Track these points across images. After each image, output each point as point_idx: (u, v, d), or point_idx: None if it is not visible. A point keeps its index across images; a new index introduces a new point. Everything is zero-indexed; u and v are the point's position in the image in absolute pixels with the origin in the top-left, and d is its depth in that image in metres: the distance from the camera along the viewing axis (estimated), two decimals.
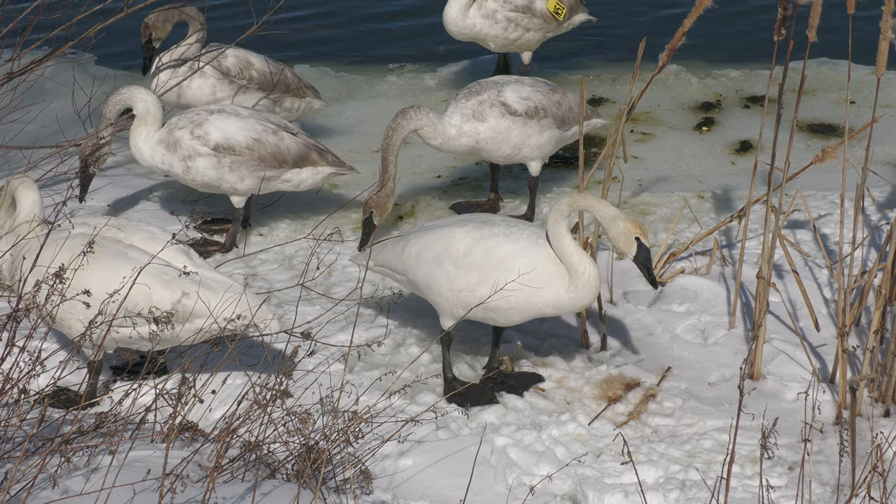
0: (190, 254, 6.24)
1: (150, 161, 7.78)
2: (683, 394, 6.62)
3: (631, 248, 6.10)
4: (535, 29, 9.34)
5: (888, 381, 6.38)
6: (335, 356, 6.63)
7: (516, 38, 9.30)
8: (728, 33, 11.19)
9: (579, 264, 6.13)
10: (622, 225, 6.08)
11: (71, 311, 5.87)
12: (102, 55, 10.73)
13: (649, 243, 6.11)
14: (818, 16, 6.26)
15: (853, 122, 9.51)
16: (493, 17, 9.22)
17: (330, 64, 10.71)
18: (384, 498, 5.72)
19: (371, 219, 7.75)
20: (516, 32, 9.28)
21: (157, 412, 5.79)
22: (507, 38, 9.29)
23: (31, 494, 4.88)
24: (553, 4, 9.29)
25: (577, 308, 6.26)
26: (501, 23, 9.22)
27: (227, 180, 7.71)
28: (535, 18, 9.31)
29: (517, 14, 9.24)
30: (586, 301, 6.21)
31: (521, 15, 9.25)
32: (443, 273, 6.34)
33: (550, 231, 6.16)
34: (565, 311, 6.29)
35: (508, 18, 9.23)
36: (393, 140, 7.61)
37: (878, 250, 7.56)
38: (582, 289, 6.16)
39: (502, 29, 9.23)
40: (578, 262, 6.13)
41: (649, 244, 6.11)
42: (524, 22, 9.27)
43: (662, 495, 5.89)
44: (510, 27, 9.24)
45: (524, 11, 9.26)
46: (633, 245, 6.10)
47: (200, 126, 7.69)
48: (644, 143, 9.38)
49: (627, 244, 6.10)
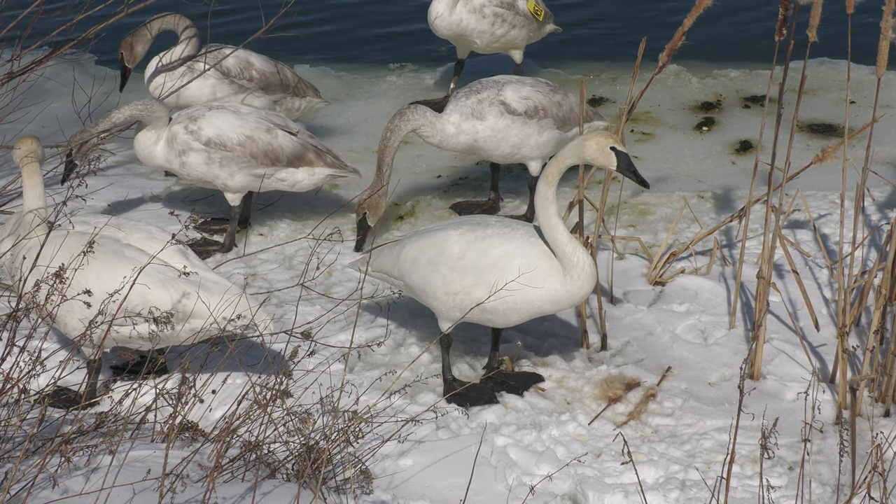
0: (188, 254, 6.24)
1: (152, 159, 7.79)
2: (683, 394, 6.62)
3: (611, 160, 6.09)
4: (519, 26, 9.34)
5: (888, 381, 6.38)
6: (335, 356, 6.63)
7: (502, 35, 9.28)
8: (728, 33, 11.19)
9: (573, 255, 6.12)
10: (593, 143, 6.06)
11: (69, 310, 5.87)
12: (102, 55, 10.74)
13: (624, 147, 6.07)
14: (818, 16, 6.26)
15: (853, 122, 9.51)
16: (481, 11, 9.20)
17: (330, 64, 10.71)
18: (384, 498, 5.72)
19: (365, 220, 7.76)
20: (502, 28, 9.26)
21: (157, 412, 5.80)
22: (494, 35, 9.27)
23: (31, 494, 4.88)
24: (532, 5, 9.30)
25: (575, 301, 6.24)
26: (489, 17, 9.20)
27: (218, 176, 7.74)
28: (519, 16, 9.32)
29: (503, 10, 9.24)
30: (583, 292, 6.19)
31: (506, 11, 9.25)
32: (438, 277, 6.33)
33: (540, 216, 6.15)
34: (564, 306, 6.27)
35: (495, 14, 9.22)
36: (391, 141, 7.61)
37: (878, 250, 7.56)
38: (577, 279, 6.14)
39: (489, 24, 9.22)
40: (572, 252, 6.12)
41: (624, 148, 6.07)
42: (510, 18, 9.26)
43: (662, 495, 5.89)
44: (497, 22, 9.23)
45: (509, 8, 9.27)
46: (611, 156, 6.08)
47: (195, 121, 7.74)
48: (644, 143, 9.38)
49: (606, 157, 6.08)
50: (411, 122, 7.64)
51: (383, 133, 7.64)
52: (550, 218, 6.14)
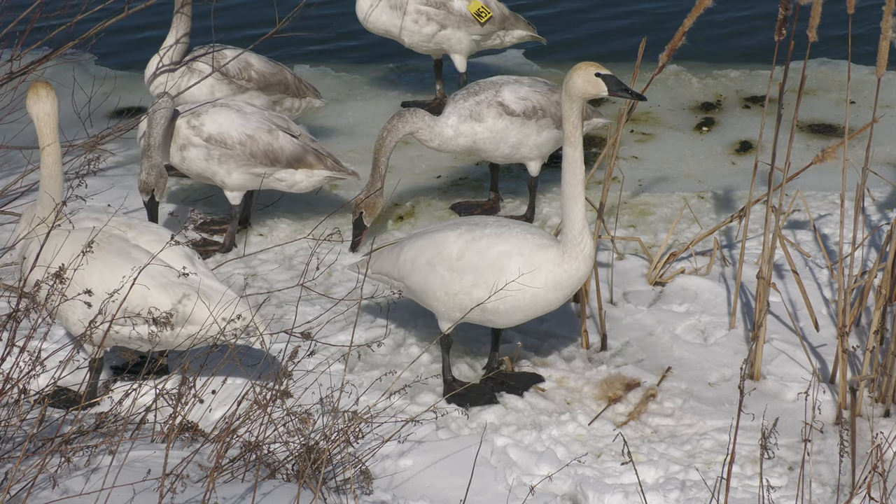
0: (194, 260, 6.23)
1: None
2: (683, 394, 6.62)
3: (600, 86, 6.07)
4: (452, 26, 9.05)
5: (888, 381, 6.38)
6: (335, 356, 6.63)
7: (433, 34, 9.03)
8: (728, 33, 11.20)
9: (580, 234, 6.10)
10: (577, 77, 6.05)
11: (71, 307, 5.87)
12: (102, 55, 10.74)
13: (607, 70, 6.04)
14: (818, 16, 6.26)
15: (853, 122, 9.51)
16: (402, 8, 8.99)
17: (330, 64, 10.71)
18: (384, 498, 5.72)
19: (361, 220, 7.76)
20: (429, 27, 9.00)
21: (157, 412, 5.80)
22: (423, 34, 9.02)
23: (31, 494, 4.88)
24: (476, 7, 8.98)
25: (573, 283, 6.19)
26: (411, 15, 8.96)
27: (216, 172, 7.75)
28: (452, 15, 9.03)
29: (429, 8, 8.99)
30: (580, 273, 6.17)
31: (434, 10, 9.00)
32: (437, 277, 6.33)
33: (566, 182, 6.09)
34: (565, 291, 6.22)
35: (419, 11, 8.98)
36: (387, 141, 7.62)
37: (878, 250, 7.56)
38: (575, 260, 6.12)
39: (412, 22, 8.98)
40: (580, 232, 6.10)
41: (607, 71, 6.04)
42: (438, 18, 9.00)
43: (662, 495, 5.89)
44: (421, 20, 8.99)
45: (438, 7, 9.00)
46: (599, 82, 6.06)
47: (198, 117, 7.76)
48: (644, 143, 9.38)
49: (595, 86, 6.06)
50: (409, 125, 7.63)
51: (380, 133, 7.64)
52: (576, 185, 6.09)
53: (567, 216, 6.14)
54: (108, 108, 9.67)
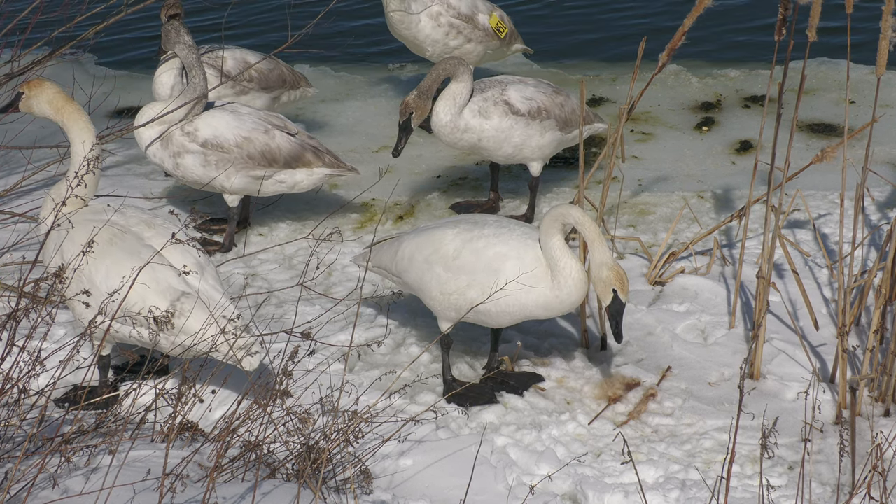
0: (206, 269, 6.10)
1: (151, 157, 7.75)
2: (683, 394, 6.62)
3: (606, 297, 6.07)
4: (476, 41, 9.17)
5: (888, 380, 6.38)
6: (335, 356, 6.63)
7: (456, 48, 9.11)
8: (728, 33, 11.20)
9: (559, 260, 6.09)
10: (605, 273, 6.03)
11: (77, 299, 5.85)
12: (102, 55, 10.74)
13: (625, 299, 6.08)
14: (818, 15, 6.26)
15: (853, 121, 9.51)
16: (437, 19, 9.07)
17: (330, 64, 10.72)
18: (384, 498, 5.72)
19: (409, 121, 7.66)
20: (457, 40, 9.10)
21: (157, 412, 5.79)
22: (447, 46, 9.11)
23: (31, 494, 4.88)
24: (496, 21, 9.17)
25: (565, 308, 6.22)
26: (444, 27, 9.05)
27: (215, 178, 7.67)
28: (478, 30, 9.15)
29: (460, 21, 9.08)
30: (572, 299, 6.17)
31: (463, 23, 9.09)
32: (434, 276, 6.33)
33: (542, 234, 6.15)
34: (555, 313, 6.25)
35: (451, 24, 9.06)
36: (440, 72, 7.66)
37: (878, 250, 7.56)
38: (565, 287, 6.12)
39: (443, 34, 9.06)
40: (560, 258, 6.10)
41: (625, 300, 6.08)
42: (466, 31, 9.10)
43: (662, 495, 5.89)
44: (452, 33, 9.07)
45: (467, 21, 9.11)
46: (609, 295, 6.07)
47: (191, 122, 7.67)
48: (644, 143, 9.38)
49: (604, 292, 6.07)
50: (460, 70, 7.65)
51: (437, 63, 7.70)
52: (549, 233, 6.13)
53: (544, 251, 6.15)
54: (108, 107, 9.66)
